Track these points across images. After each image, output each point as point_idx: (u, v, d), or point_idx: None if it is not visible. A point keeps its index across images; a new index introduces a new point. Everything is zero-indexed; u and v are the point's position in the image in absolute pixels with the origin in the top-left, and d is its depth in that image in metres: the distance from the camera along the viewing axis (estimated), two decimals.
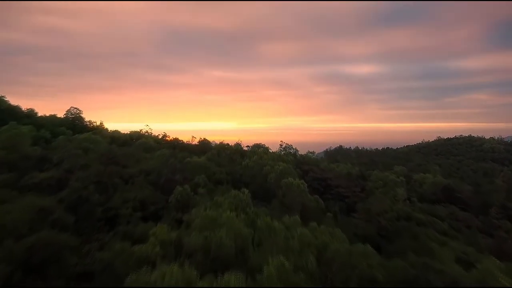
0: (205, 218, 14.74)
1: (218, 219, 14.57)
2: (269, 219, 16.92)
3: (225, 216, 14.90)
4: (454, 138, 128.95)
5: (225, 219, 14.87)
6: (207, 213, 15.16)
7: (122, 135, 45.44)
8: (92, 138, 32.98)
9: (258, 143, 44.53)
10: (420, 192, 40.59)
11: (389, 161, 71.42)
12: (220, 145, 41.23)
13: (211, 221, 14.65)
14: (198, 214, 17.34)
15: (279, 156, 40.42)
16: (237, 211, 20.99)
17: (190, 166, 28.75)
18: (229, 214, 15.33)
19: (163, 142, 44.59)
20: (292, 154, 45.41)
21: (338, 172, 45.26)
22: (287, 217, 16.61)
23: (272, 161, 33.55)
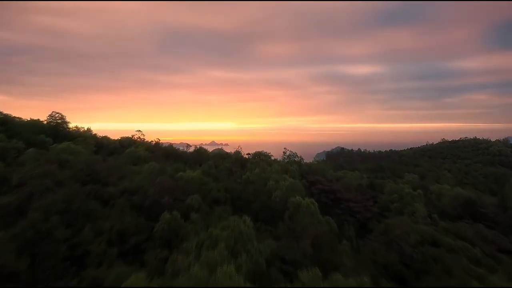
0: (193, 279, 10.59)
1: (211, 281, 10.44)
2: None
3: (221, 275, 10.77)
4: (459, 141, 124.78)
5: (220, 277, 10.75)
6: (196, 272, 10.97)
7: (111, 142, 41.16)
8: (72, 148, 28.68)
9: (260, 151, 40.19)
10: (439, 207, 36.45)
11: (397, 166, 67.19)
12: (218, 154, 36.90)
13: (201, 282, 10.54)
14: (185, 262, 13.19)
15: (283, 166, 36.23)
16: (236, 246, 16.87)
17: (183, 182, 24.55)
18: (226, 269, 11.17)
19: (155, 150, 40.23)
20: (296, 163, 41.23)
21: (347, 183, 41.10)
22: (305, 272, 12.39)
23: (276, 174, 29.36)
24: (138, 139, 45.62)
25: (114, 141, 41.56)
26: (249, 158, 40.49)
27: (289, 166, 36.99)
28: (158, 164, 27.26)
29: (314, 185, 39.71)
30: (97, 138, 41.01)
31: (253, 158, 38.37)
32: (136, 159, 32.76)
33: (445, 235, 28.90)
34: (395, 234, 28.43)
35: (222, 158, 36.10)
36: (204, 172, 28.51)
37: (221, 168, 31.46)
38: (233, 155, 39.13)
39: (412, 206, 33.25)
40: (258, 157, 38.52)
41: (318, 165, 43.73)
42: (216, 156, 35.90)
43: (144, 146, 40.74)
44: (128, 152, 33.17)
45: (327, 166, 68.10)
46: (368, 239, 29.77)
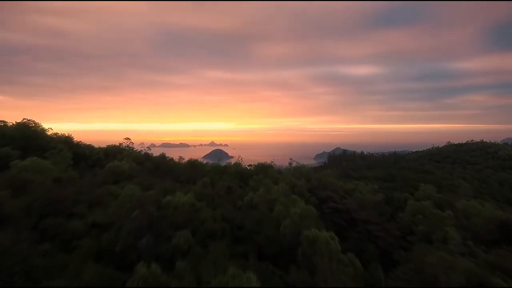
0: None
1: None
2: None
3: None
4: (466, 144, 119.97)
5: None
6: None
7: (94, 152, 35.93)
8: (38, 165, 23.58)
9: (263, 163, 34.94)
10: (470, 229, 31.44)
11: (408, 174, 62.11)
12: (215, 168, 31.58)
13: None
14: None
15: (290, 181, 31.10)
16: None
17: (170, 211, 19.52)
18: None
19: (145, 161, 34.95)
20: (304, 175, 36.14)
21: (361, 199, 36.13)
22: None
23: (284, 196, 24.32)
24: (127, 147, 40.42)
25: (98, 151, 36.36)
26: (251, 170, 35.41)
27: (296, 181, 31.92)
28: (140, 186, 22.15)
29: (325, 203, 34.59)
30: (78, 147, 35.75)
31: (256, 171, 33.24)
32: (119, 175, 27.65)
33: (491, 271, 24.00)
34: (430, 271, 23.45)
35: (220, 173, 30.89)
36: (197, 194, 23.42)
37: (218, 185, 26.32)
38: (233, 166, 33.93)
39: (442, 231, 28.18)
40: (262, 170, 33.32)
41: (327, 177, 38.60)
42: (213, 171, 30.59)
43: (132, 156, 35.58)
44: (110, 167, 28.03)
45: (334, 175, 63.01)
46: (396, 276, 24.78)
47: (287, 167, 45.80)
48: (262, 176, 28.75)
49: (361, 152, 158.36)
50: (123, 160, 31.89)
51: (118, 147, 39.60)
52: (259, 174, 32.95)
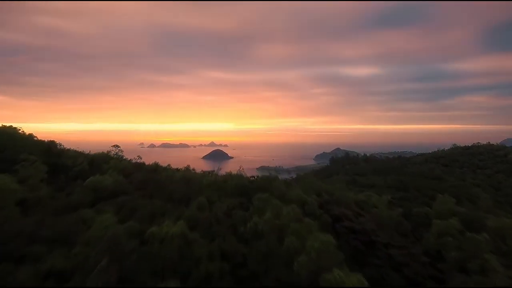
0: None
1: None
2: None
3: None
4: (473, 146, 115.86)
5: None
6: None
7: (78, 161, 31.21)
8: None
9: (268, 176, 30.38)
10: (509, 255, 27.18)
11: (421, 182, 57.90)
12: (213, 183, 26.95)
13: None
14: None
15: (300, 197, 26.81)
16: None
17: (154, 250, 15.23)
18: None
19: (134, 171, 30.50)
20: (314, 189, 31.79)
21: (378, 215, 31.86)
22: None
23: (296, 220, 19.98)
24: (115, 155, 35.97)
25: (82, 160, 31.91)
26: (254, 182, 31.06)
27: (306, 198, 27.64)
28: (122, 211, 17.89)
29: (339, 221, 30.05)
30: (59, 156, 31.30)
31: (260, 185, 28.77)
32: (101, 192, 23.29)
33: None
34: None
35: (219, 189, 26.33)
36: (191, 220, 19.11)
37: (216, 205, 21.93)
38: (234, 179, 29.40)
39: (479, 258, 23.87)
40: (266, 183, 28.82)
41: (338, 190, 34.35)
42: (211, 187, 26.00)
43: (120, 167, 31.22)
44: (90, 183, 23.65)
45: (342, 183, 58.88)
46: None
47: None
48: (267, 194, 24.34)
49: (363, 154, 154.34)
50: (107, 173, 27.51)
51: (106, 155, 35.21)
52: (263, 188, 28.64)
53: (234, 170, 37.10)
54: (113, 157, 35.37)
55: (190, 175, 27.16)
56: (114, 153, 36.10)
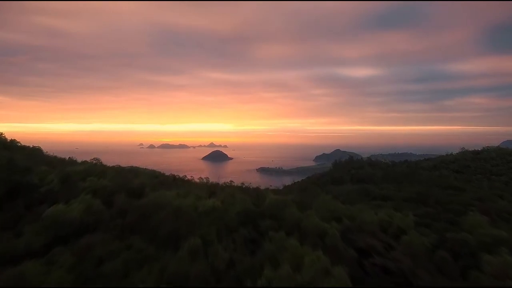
0: None
1: None
2: None
3: None
4: (484, 151, 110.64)
5: None
6: None
7: (47, 179, 25.59)
8: None
9: (279, 199, 24.40)
10: None
11: (439, 193, 52.53)
12: (210, 215, 20.81)
13: None
14: None
15: (319, 226, 21.30)
16: None
17: None
18: None
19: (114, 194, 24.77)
20: (331, 211, 26.28)
21: (411, 244, 26.48)
22: None
23: (323, 274, 14.48)
24: (93, 178, 30.06)
25: (52, 179, 26.25)
26: (261, 205, 25.51)
27: (326, 227, 22.14)
28: (73, 274, 12.54)
29: (366, 255, 24.41)
30: (22, 172, 25.62)
31: (270, 212, 23.10)
32: (62, 230, 17.76)
33: None
34: None
35: (218, 219, 20.48)
36: (178, 277, 13.71)
37: (214, 249, 16.52)
38: (237, 203, 23.78)
39: None
40: (277, 210, 23.12)
41: (360, 211, 28.86)
42: (208, 216, 19.96)
43: (98, 186, 25.64)
44: (50, 216, 18.09)
45: (354, 194, 53.52)
46: None
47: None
48: (282, 234, 18.78)
49: (367, 157, 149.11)
50: (80, 196, 21.92)
51: (85, 170, 29.64)
52: (273, 215, 23.13)
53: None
54: (94, 171, 29.79)
55: (182, 204, 21.43)
56: (99, 172, 30.52)
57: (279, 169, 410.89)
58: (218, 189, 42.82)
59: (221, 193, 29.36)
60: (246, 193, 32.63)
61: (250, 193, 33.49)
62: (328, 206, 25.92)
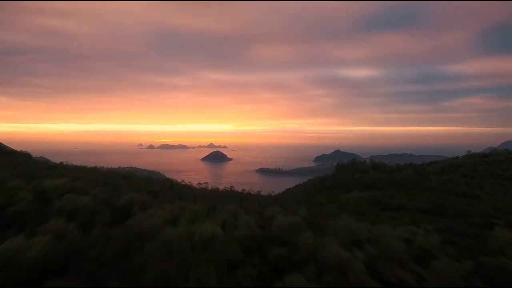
0: None
1: None
2: None
3: None
4: (492, 154, 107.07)
5: None
6: None
7: (18, 196, 21.94)
8: None
9: (292, 222, 21.09)
10: None
11: (454, 202, 48.90)
12: (208, 239, 17.57)
13: None
14: None
15: (341, 262, 17.76)
16: None
17: None
18: None
19: (91, 219, 21.36)
20: (350, 233, 22.62)
21: (443, 273, 23.00)
22: None
23: None
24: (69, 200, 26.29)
25: (24, 196, 22.44)
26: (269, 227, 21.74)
27: (348, 256, 18.49)
28: None
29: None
30: None
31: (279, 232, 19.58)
32: (18, 272, 13.98)
33: None
34: None
35: (218, 252, 17.08)
36: None
37: None
38: (240, 227, 20.12)
39: None
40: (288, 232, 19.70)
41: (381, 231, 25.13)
42: (206, 258, 16.34)
43: (77, 206, 21.84)
44: (2, 257, 14.42)
45: (364, 203, 49.93)
46: None
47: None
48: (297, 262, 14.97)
49: (371, 160, 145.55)
50: (50, 222, 18.01)
51: (65, 184, 25.78)
52: (283, 241, 19.30)
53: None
54: (75, 186, 25.87)
55: (174, 235, 17.32)
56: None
57: (278, 169, 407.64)
58: (217, 201, 39.00)
59: (221, 210, 25.32)
60: (249, 209, 28.85)
61: (254, 210, 29.63)
62: (347, 227, 21.94)
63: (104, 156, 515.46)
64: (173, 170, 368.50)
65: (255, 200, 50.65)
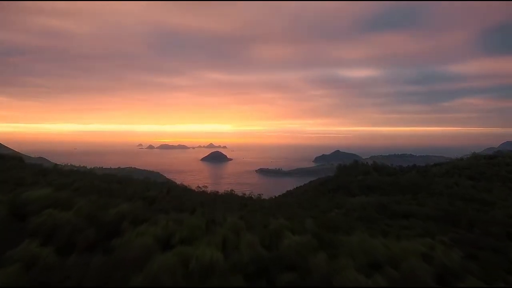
0: None
1: None
2: None
3: None
4: (497, 156, 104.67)
5: None
6: None
7: None
8: None
9: (303, 243, 18.51)
10: None
11: (466, 208, 46.35)
12: (209, 265, 15.05)
13: None
14: None
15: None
16: None
17: None
18: None
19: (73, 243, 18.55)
20: (367, 254, 19.92)
21: None
22: None
23: None
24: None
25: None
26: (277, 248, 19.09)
27: (366, 283, 15.97)
28: None
29: None
30: None
31: (289, 254, 17.01)
32: None
33: None
34: None
35: (221, 280, 14.60)
36: None
37: None
38: (243, 249, 17.42)
39: None
40: (299, 255, 17.13)
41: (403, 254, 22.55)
42: (209, 280, 13.97)
43: (57, 227, 19.16)
44: None
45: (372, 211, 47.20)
46: None
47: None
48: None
49: (372, 161, 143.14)
50: (15, 255, 15.33)
51: (47, 196, 23.16)
52: (292, 266, 16.79)
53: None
54: (59, 197, 23.24)
55: (167, 262, 14.75)
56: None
57: (278, 170, 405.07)
58: (217, 208, 36.52)
59: (221, 224, 22.80)
60: (252, 220, 26.32)
61: (257, 221, 27.07)
62: (362, 246, 19.36)
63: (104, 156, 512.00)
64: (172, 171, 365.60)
65: (257, 206, 48.07)
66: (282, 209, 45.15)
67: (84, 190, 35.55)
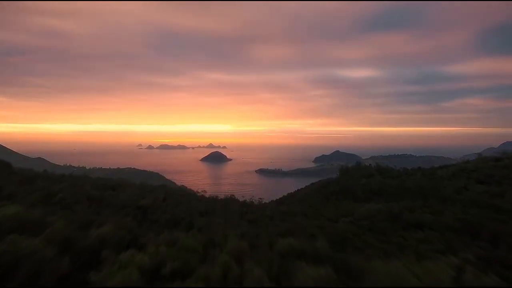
0: None
1: None
2: None
3: None
4: (504, 158, 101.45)
5: None
6: None
7: None
8: None
9: (322, 277, 16.59)
10: None
11: (482, 216, 43.25)
12: None
13: None
14: None
15: None
16: None
17: None
18: None
19: None
20: (391, 282, 17.25)
21: None
22: None
23: None
24: None
25: None
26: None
27: None
28: None
29: None
30: None
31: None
32: None
33: None
34: None
35: None
36: None
37: None
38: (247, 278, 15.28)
39: None
40: None
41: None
42: None
43: (19, 258, 16.37)
44: None
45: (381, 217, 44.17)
46: None
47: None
48: None
49: (375, 162, 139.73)
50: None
51: (17, 216, 20.12)
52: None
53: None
54: (32, 218, 20.03)
55: None
56: None
57: (278, 170, 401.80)
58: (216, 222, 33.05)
59: (221, 247, 18.86)
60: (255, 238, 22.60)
61: (261, 238, 23.13)
62: (388, 277, 15.75)
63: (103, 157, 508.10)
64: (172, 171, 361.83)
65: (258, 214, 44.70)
66: (286, 218, 42.00)
67: (71, 201, 32.18)
